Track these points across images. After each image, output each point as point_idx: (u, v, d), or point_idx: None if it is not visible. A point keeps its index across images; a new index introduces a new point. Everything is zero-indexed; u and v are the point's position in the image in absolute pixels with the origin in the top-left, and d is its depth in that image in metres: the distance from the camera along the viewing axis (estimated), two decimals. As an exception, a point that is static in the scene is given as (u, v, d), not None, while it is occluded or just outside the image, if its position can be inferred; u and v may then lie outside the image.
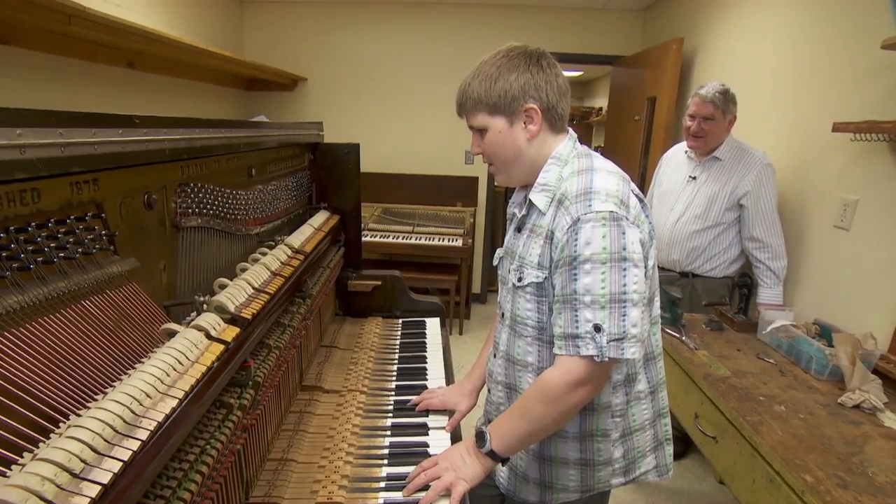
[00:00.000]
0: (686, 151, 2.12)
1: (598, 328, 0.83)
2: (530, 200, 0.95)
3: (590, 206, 0.84)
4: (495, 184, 4.02)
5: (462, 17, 3.71)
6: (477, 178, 3.92)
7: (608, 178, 0.89)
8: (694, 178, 2.06)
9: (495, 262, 1.11)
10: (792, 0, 2.08)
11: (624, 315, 0.83)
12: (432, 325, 1.73)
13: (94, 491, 0.47)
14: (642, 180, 3.29)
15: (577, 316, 0.85)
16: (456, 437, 1.14)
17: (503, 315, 1.04)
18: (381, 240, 3.48)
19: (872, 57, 1.58)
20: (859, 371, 1.35)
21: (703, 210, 2.01)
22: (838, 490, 1.01)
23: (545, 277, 0.91)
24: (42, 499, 0.43)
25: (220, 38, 3.33)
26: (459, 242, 3.47)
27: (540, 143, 0.94)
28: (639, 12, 3.68)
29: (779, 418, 1.26)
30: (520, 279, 0.95)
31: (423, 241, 3.48)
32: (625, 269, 0.83)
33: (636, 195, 0.92)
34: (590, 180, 0.88)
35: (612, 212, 0.83)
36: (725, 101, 1.93)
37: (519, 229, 1.00)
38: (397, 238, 3.50)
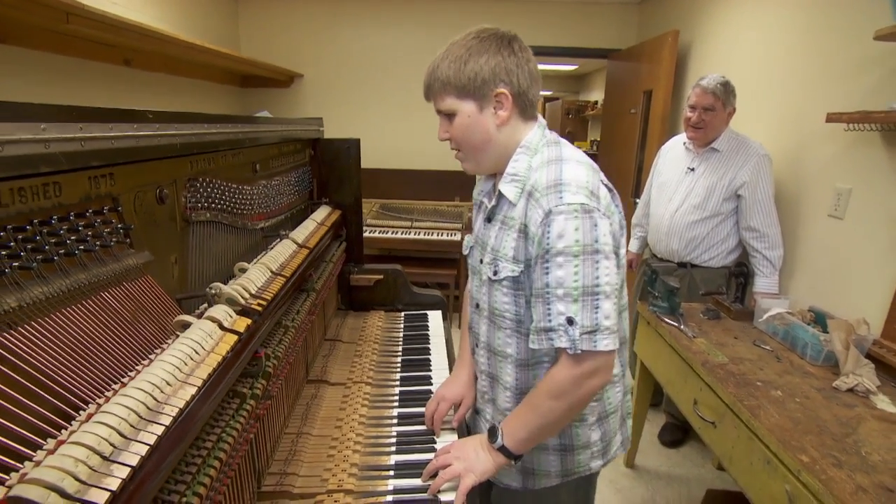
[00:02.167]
0: (685, 143, 2.14)
1: (570, 321, 0.82)
2: (500, 191, 0.93)
3: (561, 198, 0.83)
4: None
5: (458, 12, 3.71)
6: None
7: (577, 168, 0.87)
8: (692, 169, 2.09)
9: (465, 252, 1.09)
10: (786, -8, 2.10)
11: (597, 308, 0.83)
12: (434, 317, 1.75)
13: (124, 473, 0.49)
14: (639, 173, 3.31)
15: (549, 309, 0.84)
16: (461, 431, 1.15)
17: (478, 306, 1.03)
18: (380, 235, 3.49)
19: (865, 48, 1.60)
20: (853, 356, 1.39)
21: (702, 200, 2.03)
22: (833, 469, 1.04)
23: (521, 271, 0.90)
24: (76, 479, 0.45)
25: (215, 35, 3.32)
26: (458, 237, 3.49)
27: (510, 130, 0.92)
28: (634, 5, 3.69)
29: (775, 402, 1.29)
30: (495, 273, 0.94)
31: (421, 236, 3.50)
32: (597, 262, 0.83)
33: (605, 185, 0.91)
34: (559, 171, 0.86)
35: (583, 204, 0.82)
36: (726, 93, 1.95)
37: (489, 219, 0.98)
38: (396, 233, 3.52)
